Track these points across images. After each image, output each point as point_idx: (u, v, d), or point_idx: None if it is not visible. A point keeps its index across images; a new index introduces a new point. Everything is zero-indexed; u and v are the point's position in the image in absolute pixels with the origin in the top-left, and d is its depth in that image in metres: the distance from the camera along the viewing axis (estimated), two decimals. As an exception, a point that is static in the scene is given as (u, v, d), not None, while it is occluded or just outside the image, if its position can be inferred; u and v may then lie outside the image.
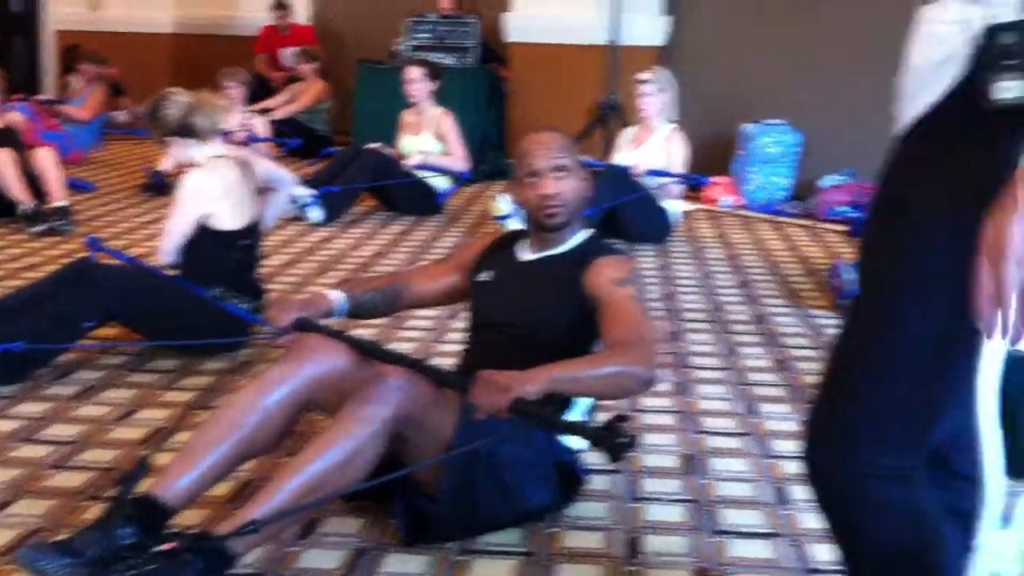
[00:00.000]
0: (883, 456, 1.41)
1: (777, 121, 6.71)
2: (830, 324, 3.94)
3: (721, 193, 6.57)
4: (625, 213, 5.14)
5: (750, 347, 3.73)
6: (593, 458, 2.47)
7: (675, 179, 5.40)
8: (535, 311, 2.52)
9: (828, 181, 6.28)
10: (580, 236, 2.60)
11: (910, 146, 1.40)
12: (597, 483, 2.57)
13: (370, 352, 2.41)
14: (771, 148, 6.66)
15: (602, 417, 2.39)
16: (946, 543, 1.46)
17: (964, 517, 1.47)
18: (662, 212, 5.36)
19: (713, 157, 6.75)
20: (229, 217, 3.47)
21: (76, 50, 9.13)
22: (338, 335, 2.43)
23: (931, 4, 1.39)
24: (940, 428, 1.41)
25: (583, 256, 2.53)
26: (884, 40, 2.76)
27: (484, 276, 2.64)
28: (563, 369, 2.21)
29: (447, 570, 2.21)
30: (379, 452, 2.15)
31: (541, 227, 2.58)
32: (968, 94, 1.30)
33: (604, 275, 2.45)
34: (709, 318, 4.10)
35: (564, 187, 2.52)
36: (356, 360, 2.35)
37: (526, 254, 2.63)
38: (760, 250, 5.39)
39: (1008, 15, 1.26)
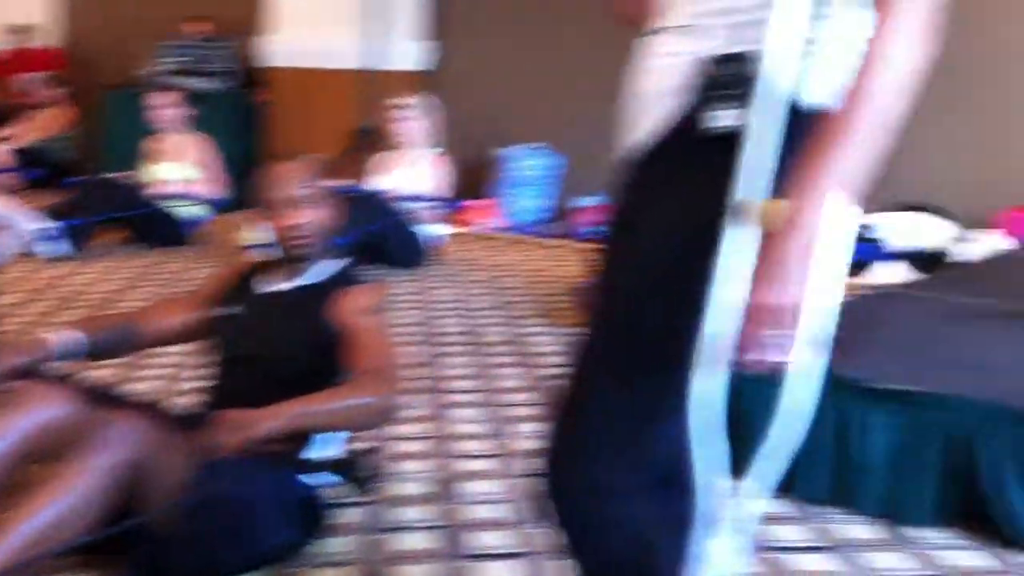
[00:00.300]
0: (615, 472, 1.44)
1: (538, 144, 6.87)
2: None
3: (483, 215, 6.65)
4: (382, 239, 5.12)
5: (506, 368, 3.78)
6: (340, 491, 2.43)
7: (429, 203, 5.42)
8: (279, 344, 2.46)
9: (584, 202, 6.47)
10: (329, 266, 2.56)
11: (637, 170, 1.45)
12: (344, 516, 2.52)
13: (100, 396, 2.28)
14: (531, 171, 6.80)
15: (357, 448, 2.37)
16: (666, 555, 1.50)
17: (685, 528, 1.51)
18: (420, 237, 5.37)
19: (476, 180, 6.84)
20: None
21: None
22: (65, 380, 2.29)
23: (649, 36, 1.44)
24: (669, 441, 1.45)
25: (330, 287, 2.49)
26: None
27: (228, 309, 2.56)
28: (304, 405, 2.17)
29: (183, 619, 2.11)
30: (109, 501, 2.04)
31: (287, 257, 2.53)
32: (687, 123, 1.34)
33: (349, 306, 2.43)
34: (466, 341, 4.13)
35: (306, 218, 2.48)
36: (80, 406, 2.22)
37: (272, 285, 2.56)
38: (519, 271, 5.48)
39: (721, 48, 1.32)
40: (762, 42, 1.28)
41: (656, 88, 1.39)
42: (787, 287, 1.22)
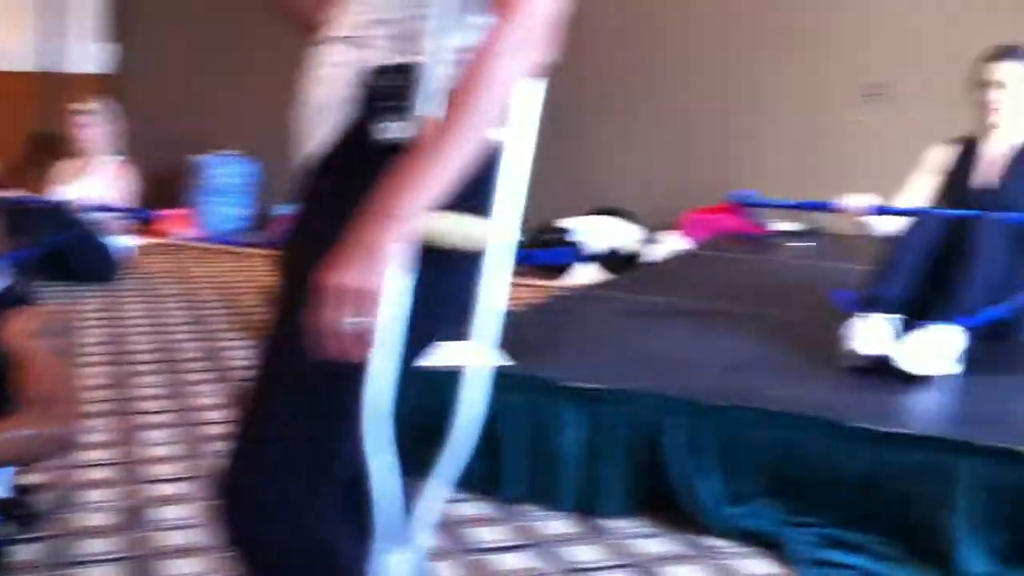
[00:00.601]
0: (297, 488, 1.39)
1: (231, 152, 6.67)
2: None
3: (176, 225, 6.38)
4: (66, 252, 4.80)
5: (202, 385, 3.62)
6: (11, 529, 2.24)
7: (118, 213, 5.14)
8: None
9: (283, 210, 6.34)
10: None
11: (313, 180, 1.42)
12: (20, 554, 2.32)
13: None
14: (226, 179, 6.60)
15: (30, 482, 2.18)
16: (350, 570, 1.46)
17: (366, 540, 1.48)
18: (107, 249, 5.08)
19: (168, 189, 6.55)
20: None
21: None
22: None
23: (320, 46, 1.41)
24: (349, 451, 1.41)
25: None
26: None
27: None
28: None
29: None
30: None
31: None
32: (357, 133, 1.33)
33: (16, 328, 2.23)
34: (159, 359, 3.92)
35: None
36: None
37: None
38: (218, 282, 5.29)
39: (384, 58, 1.31)
40: (420, 52, 1.28)
41: (326, 98, 1.38)
42: (370, 272, 1.22)
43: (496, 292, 1.29)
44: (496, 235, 1.28)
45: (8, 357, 2.18)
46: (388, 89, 1.31)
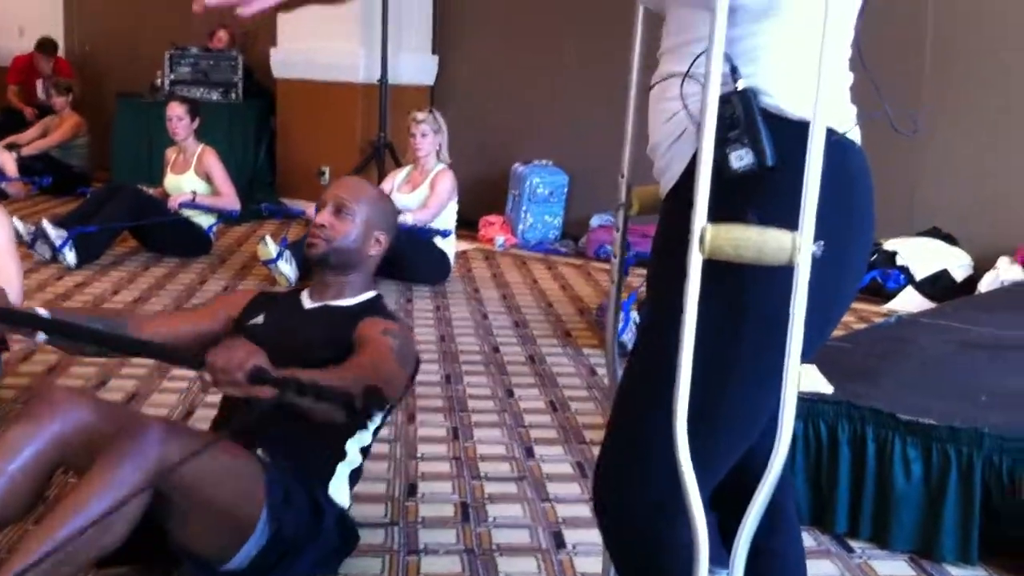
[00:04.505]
0: (668, 493, 1.41)
1: (544, 162, 6.85)
2: (602, 364, 4.00)
3: (496, 232, 6.65)
4: (406, 254, 5.06)
5: (526, 388, 3.74)
6: (367, 511, 2.40)
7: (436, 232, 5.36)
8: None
9: (597, 220, 6.45)
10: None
11: (672, 209, 1.44)
12: (371, 537, 2.49)
13: (96, 338, 2.18)
14: (541, 188, 6.78)
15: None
16: None
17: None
18: (442, 254, 5.34)
19: (488, 197, 6.82)
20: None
21: None
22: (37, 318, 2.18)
23: (658, 84, 1.45)
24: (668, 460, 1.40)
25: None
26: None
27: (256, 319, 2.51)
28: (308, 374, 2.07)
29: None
30: (137, 513, 2.00)
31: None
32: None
33: (367, 326, 2.37)
34: (485, 360, 4.09)
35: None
36: (106, 412, 2.18)
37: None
38: (534, 290, 5.45)
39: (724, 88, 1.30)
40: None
41: (673, 134, 1.44)
42: None
43: (800, 312, 1.24)
44: (799, 250, 1.23)
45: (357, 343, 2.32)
46: (732, 118, 1.32)
